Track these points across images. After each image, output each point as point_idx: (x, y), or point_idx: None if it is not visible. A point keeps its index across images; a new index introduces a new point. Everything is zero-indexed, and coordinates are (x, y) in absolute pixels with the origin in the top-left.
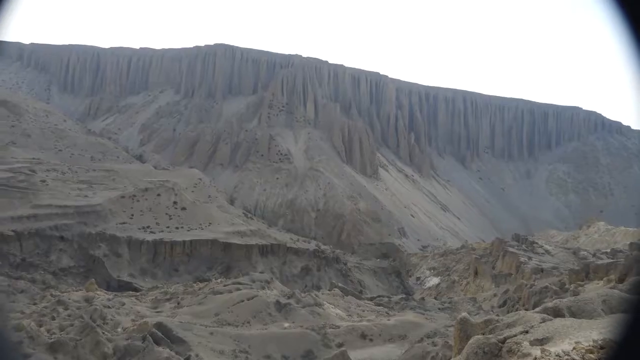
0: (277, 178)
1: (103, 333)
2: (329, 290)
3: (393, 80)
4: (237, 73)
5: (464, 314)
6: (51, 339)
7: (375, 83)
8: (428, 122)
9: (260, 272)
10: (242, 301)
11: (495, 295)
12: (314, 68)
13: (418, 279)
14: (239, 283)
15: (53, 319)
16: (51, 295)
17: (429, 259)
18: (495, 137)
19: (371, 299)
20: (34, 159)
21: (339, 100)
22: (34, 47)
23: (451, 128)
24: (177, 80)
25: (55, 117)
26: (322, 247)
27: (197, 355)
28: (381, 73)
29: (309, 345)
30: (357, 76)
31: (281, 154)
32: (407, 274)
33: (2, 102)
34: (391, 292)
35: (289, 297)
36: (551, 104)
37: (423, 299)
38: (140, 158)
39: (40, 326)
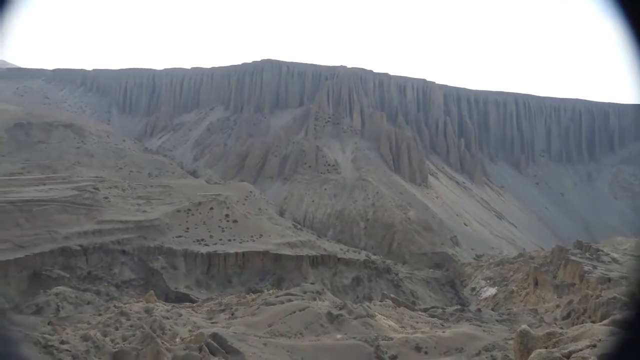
0: (325, 189)
1: (162, 343)
2: (380, 301)
3: (440, 87)
4: (284, 87)
5: (525, 326)
6: (115, 348)
7: (422, 90)
8: (478, 127)
9: (311, 283)
10: (294, 312)
11: (558, 306)
12: (359, 78)
13: (473, 289)
14: (291, 294)
15: (116, 329)
16: (114, 306)
17: (484, 268)
18: (551, 140)
19: (424, 310)
20: (97, 177)
21: (385, 109)
22: (96, 72)
23: (503, 132)
24: (226, 97)
25: (115, 137)
26: (373, 257)
27: None
28: (428, 80)
29: (362, 358)
30: (403, 84)
31: (329, 164)
32: (461, 284)
33: (68, 125)
34: (445, 303)
35: (340, 308)
36: (612, 103)
37: (479, 310)
38: (193, 173)
39: (105, 336)
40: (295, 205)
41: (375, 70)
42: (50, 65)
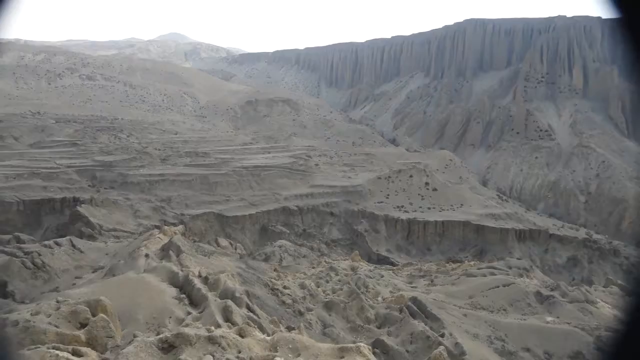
0: (536, 157)
1: (366, 300)
2: (603, 286)
3: None
4: (489, 47)
5: None
6: (326, 298)
7: None
8: None
9: (518, 259)
10: (498, 287)
11: None
12: (582, 28)
13: None
14: (494, 268)
15: (327, 282)
16: (325, 262)
17: None
18: None
19: None
20: (309, 146)
21: (617, 62)
22: (307, 50)
23: None
24: (426, 64)
25: (324, 110)
26: (595, 236)
27: (450, 334)
28: None
29: (578, 346)
30: None
31: (541, 130)
32: None
33: (286, 100)
34: None
35: (552, 289)
36: None
37: None
38: (393, 141)
39: (318, 287)
40: (500, 175)
41: (604, 17)
42: (270, 48)
